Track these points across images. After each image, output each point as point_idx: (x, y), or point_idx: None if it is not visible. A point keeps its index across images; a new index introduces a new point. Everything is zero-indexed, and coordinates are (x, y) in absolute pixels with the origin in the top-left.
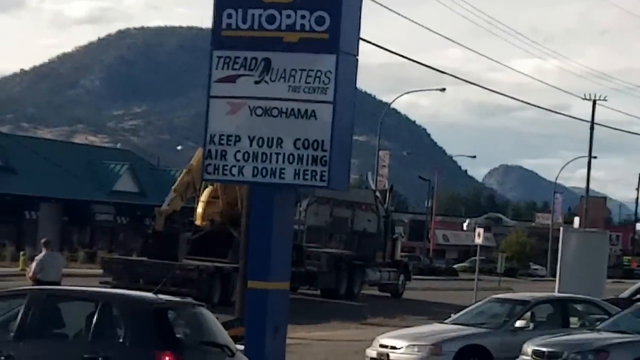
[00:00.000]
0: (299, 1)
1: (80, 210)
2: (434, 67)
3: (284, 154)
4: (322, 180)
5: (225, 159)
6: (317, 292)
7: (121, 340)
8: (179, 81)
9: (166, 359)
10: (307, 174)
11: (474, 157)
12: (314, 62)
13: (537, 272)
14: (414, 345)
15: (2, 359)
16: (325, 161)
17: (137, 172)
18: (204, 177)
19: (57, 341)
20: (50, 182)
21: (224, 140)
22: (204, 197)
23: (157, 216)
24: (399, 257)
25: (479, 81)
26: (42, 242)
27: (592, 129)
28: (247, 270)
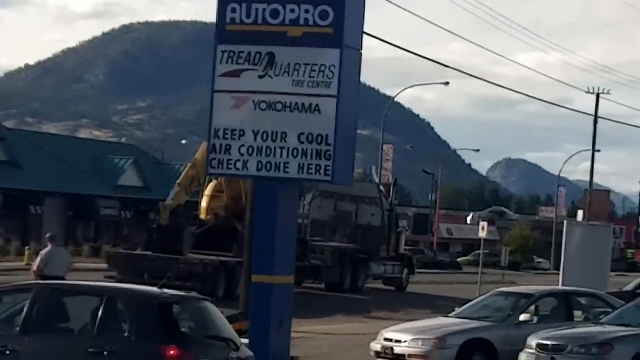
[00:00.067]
0: None
1: (84, 204)
2: (437, 60)
3: (288, 148)
4: (326, 174)
5: (229, 153)
6: (322, 286)
7: (126, 334)
8: (183, 75)
9: (171, 353)
10: (311, 168)
11: (478, 151)
12: (318, 57)
13: (540, 265)
14: (418, 338)
15: (8, 353)
16: (329, 155)
17: (141, 166)
18: (208, 171)
19: (62, 335)
20: (54, 176)
21: (228, 134)
22: (208, 191)
23: (162, 210)
24: (402, 250)
25: (482, 75)
26: (47, 236)
27: (595, 122)
28: (252, 264)
